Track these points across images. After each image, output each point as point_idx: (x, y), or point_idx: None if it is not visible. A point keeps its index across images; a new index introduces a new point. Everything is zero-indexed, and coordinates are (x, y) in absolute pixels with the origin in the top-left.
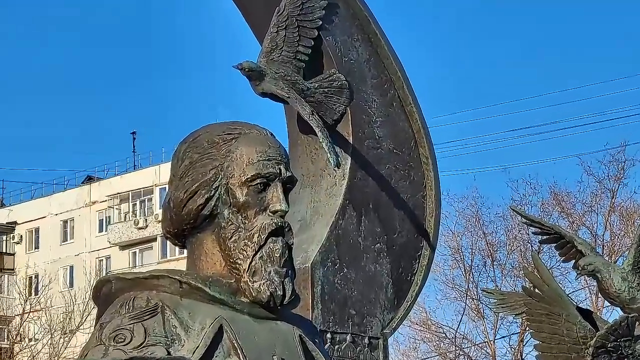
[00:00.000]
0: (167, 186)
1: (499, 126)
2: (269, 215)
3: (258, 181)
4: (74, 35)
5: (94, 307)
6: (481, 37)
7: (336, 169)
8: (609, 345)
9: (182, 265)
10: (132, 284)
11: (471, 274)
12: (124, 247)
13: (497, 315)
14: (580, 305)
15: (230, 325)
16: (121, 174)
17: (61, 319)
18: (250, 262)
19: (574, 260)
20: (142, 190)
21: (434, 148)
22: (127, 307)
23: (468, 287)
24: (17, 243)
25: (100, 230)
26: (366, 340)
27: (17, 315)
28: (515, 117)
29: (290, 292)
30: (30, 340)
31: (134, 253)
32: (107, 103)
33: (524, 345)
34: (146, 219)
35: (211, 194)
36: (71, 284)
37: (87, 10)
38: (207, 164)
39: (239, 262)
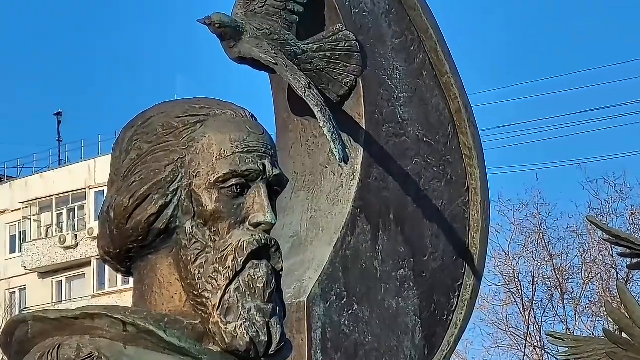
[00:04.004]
0: (105, 189)
1: (570, 105)
2: (248, 229)
3: (233, 182)
4: None
5: (3, 358)
6: None
7: (342, 164)
8: None
9: (126, 300)
10: (57, 326)
11: (532, 312)
12: (44, 273)
13: None
14: None
15: None
16: (41, 172)
17: None
18: (223, 296)
19: None
20: (70, 194)
21: (480, 135)
22: (49, 359)
23: (528, 330)
24: None
25: (12, 251)
26: None
27: None
28: (593, 93)
29: (278, 337)
30: None
31: (59, 282)
32: (20, 71)
33: None
34: (76, 235)
35: (167, 200)
36: None
37: None
38: (162, 157)
39: (207, 295)
